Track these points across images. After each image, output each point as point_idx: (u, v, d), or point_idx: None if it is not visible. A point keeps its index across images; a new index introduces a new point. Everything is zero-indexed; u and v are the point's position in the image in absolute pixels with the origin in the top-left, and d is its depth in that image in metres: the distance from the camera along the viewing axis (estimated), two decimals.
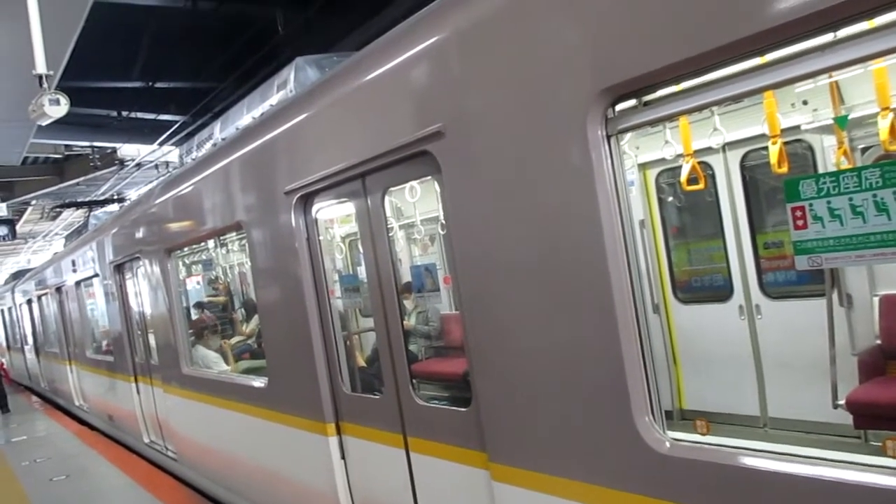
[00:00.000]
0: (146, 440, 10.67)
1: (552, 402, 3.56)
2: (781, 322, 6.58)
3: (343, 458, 5.49)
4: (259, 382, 6.62)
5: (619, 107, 3.25)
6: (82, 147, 22.26)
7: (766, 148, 5.73)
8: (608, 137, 3.24)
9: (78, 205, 18.59)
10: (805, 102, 5.91)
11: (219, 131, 8.15)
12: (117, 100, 17.45)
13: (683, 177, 6.06)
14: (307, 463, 5.87)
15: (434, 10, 4.22)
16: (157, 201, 8.63)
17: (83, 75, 13.68)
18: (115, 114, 18.32)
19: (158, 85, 16.40)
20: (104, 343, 13.49)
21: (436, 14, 4.18)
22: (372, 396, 5.28)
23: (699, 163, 6.36)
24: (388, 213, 4.83)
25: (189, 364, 8.34)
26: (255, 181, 6.16)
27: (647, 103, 3.24)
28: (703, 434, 3.60)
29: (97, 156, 22.16)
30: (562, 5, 3.30)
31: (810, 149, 6.23)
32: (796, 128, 5.92)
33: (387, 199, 4.80)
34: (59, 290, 16.24)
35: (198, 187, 7.39)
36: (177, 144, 17.95)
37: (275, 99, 6.95)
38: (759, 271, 6.77)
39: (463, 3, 3.94)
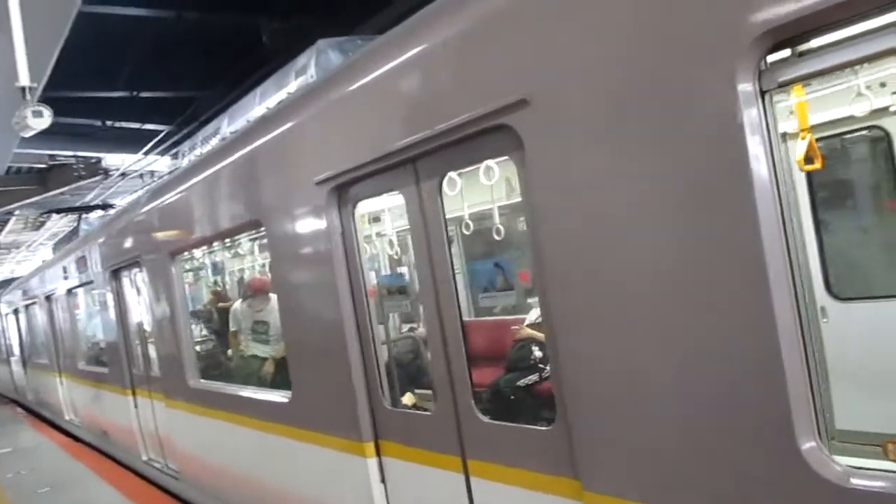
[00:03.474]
0: (144, 458, 9.78)
1: (680, 421, 2.84)
2: None
3: (383, 481, 4.73)
4: (281, 397, 5.83)
5: (772, 57, 2.56)
6: (66, 157, 21.47)
7: None
8: (762, 94, 2.54)
9: (66, 210, 17.92)
10: None
11: (227, 125, 7.37)
12: (102, 109, 16.82)
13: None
14: (339, 487, 5.10)
15: None
16: (160, 201, 7.82)
17: (67, 85, 13.27)
18: (99, 123, 17.76)
19: (143, 94, 15.83)
20: (98, 354, 12.58)
21: None
22: (421, 412, 4.53)
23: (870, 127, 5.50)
24: (445, 202, 4.08)
25: (195, 376, 7.52)
26: (278, 172, 5.40)
27: (801, 54, 2.55)
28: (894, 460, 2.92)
29: (81, 165, 21.38)
30: None
31: None
32: None
33: (444, 186, 4.06)
34: (48, 298, 15.27)
35: (207, 183, 6.61)
36: (162, 154, 18.03)
37: (293, 86, 6.20)
38: None
39: None
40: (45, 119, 7.58)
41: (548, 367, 7.42)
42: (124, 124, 17.89)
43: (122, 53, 13.47)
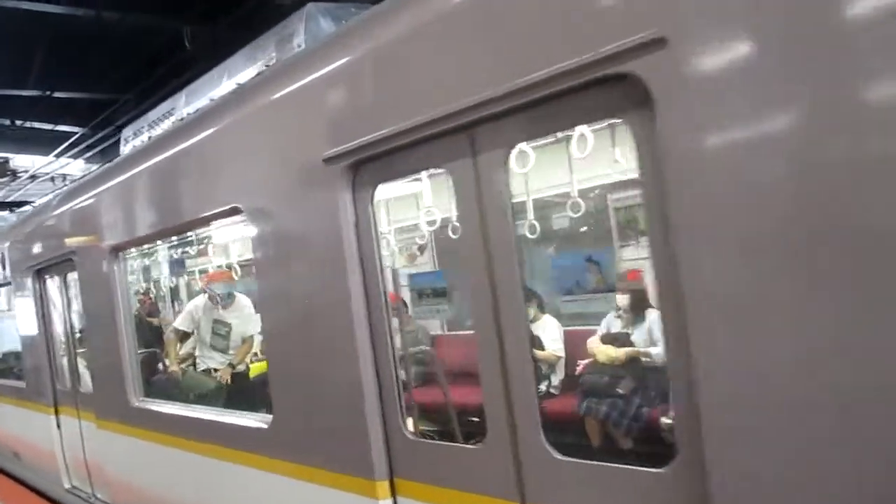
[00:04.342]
0: (67, 485, 8.33)
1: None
2: None
3: None
4: (257, 421, 4.74)
5: None
6: None
7: None
8: None
9: None
10: None
11: (184, 104, 6.22)
12: (11, 108, 15.63)
13: None
14: None
15: None
16: (101, 189, 6.57)
17: None
18: (7, 122, 16.68)
19: (57, 94, 14.65)
20: (13, 366, 10.96)
21: None
22: (462, 445, 3.56)
23: None
24: (512, 181, 3.15)
25: (138, 393, 6.29)
26: (269, 149, 4.34)
27: None
28: None
29: None
30: None
31: None
32: None
33: (512, 159, 3.13)
34: None
35: (167, 166, 5.46)
36: (75, 157, 17.26)
37: (272, 59, 5.15)
38: None
39: None
40: None
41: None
42: (35, 124, 16.70)
43: (35, 51, 12.55)
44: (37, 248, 8.35)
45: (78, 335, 7.71)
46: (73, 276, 7.45)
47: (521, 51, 2.86)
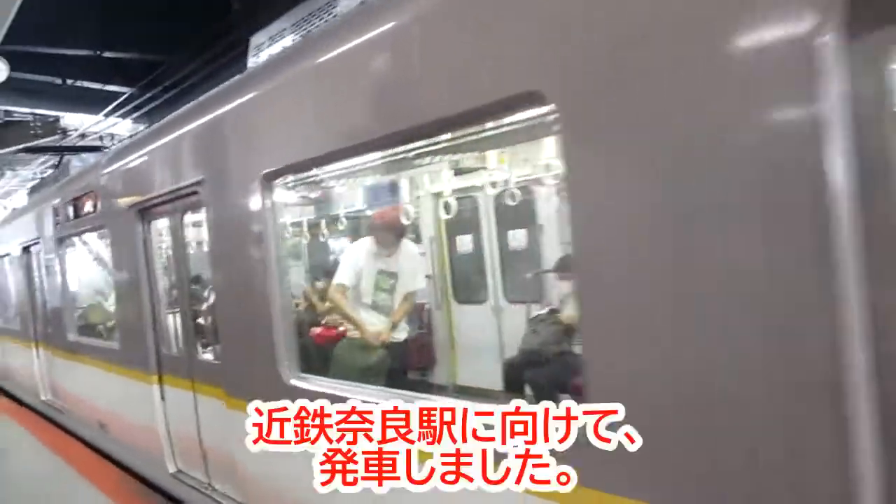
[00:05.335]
0: (171, 469, 6.59)
1: None
2: None
3: None
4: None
5: None
6: (23, 114, 19.61)
7: None
8: None
9: (50, 150, 15.89)
10: None
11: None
12: (62, 67, 15.45)
13: None
14: None
15: None
16: (253, 95, 4.73)
17: (25, 39, 12.17)
18: (59, 81, 16.28)
19: (106, 54, 14.69)
20: (101, 323, 9.22)
21: None
22: None
23: None
24: None
25: (294, 368, 4.47)
26: None
27: None
28: None
29: (38, 124, 19.05)
30: None
31: None
32: None
33: None
34: (26, 251, 11.57)
35: (371, 48, 3.64)
36: (124, 116, 16.98)
37: None
38: None
39: None
40: (1, 73, 7.47)
41: None
42: (86, 84, 16.37)
43: (87, 10, 12.58)
44: (143, 184, 6.52)
45: (196, 289, 5.94)
46: (194, 217, 5.66)
47: None
